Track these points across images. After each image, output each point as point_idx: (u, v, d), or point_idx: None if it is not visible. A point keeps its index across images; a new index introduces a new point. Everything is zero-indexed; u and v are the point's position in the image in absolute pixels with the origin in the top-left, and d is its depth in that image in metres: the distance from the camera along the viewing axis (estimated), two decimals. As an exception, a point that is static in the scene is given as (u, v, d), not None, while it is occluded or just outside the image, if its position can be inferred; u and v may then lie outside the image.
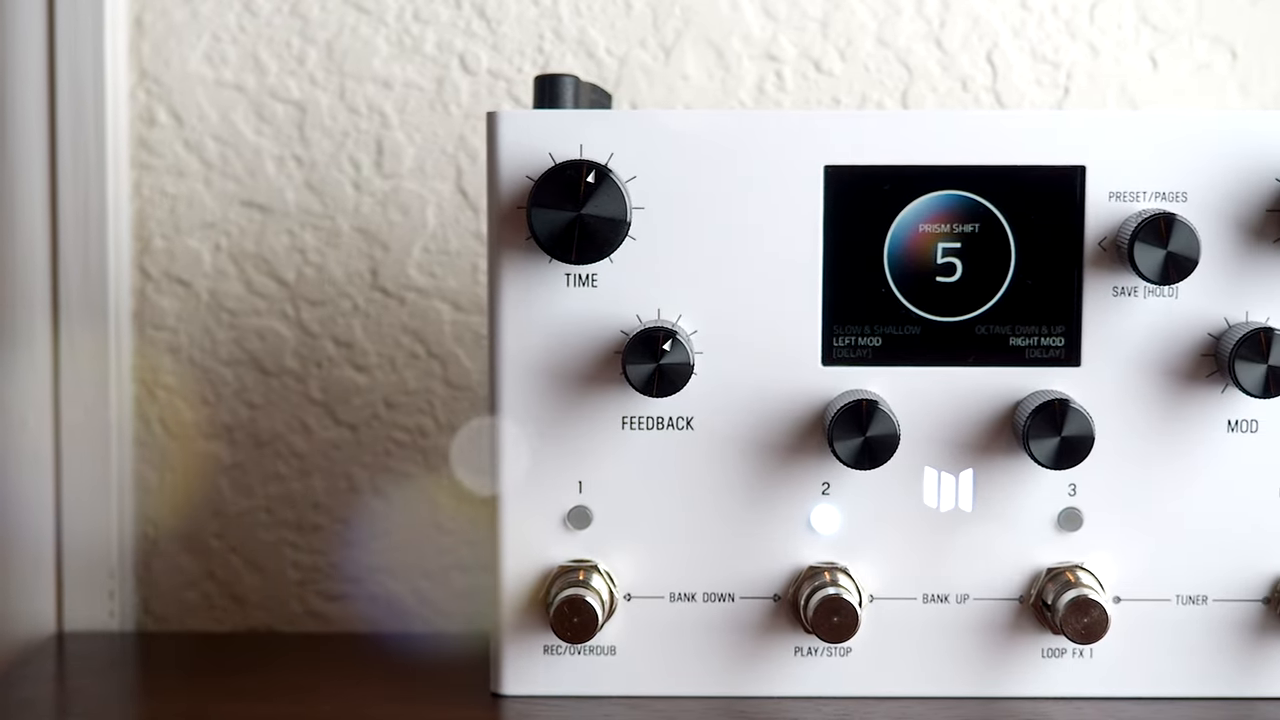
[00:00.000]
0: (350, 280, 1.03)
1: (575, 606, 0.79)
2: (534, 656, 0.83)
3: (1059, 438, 0.78)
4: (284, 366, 1.03)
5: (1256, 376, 0.78)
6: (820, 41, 1.02)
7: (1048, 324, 0.81)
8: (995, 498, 0.81)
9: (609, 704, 0.82)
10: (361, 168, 1.02)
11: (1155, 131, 0.80)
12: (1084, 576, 0.81)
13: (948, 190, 0.80)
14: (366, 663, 0.93)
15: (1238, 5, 1.01)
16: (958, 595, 0.82)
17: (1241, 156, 0.79)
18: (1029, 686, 0.82)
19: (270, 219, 1.03)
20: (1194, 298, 0.80)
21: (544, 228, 0.78)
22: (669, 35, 1.02)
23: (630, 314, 0.80)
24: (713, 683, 0.82)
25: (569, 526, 0.82)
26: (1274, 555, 0.82)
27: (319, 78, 1.02)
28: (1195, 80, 1.02)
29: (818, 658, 0.82)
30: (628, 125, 0.80)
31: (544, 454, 0.81)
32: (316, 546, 1.04)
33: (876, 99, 1.02)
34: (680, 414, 0.81)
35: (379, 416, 1.04)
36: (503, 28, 1.02)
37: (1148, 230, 0.78)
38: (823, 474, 0.81)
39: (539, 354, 0.81)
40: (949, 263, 0.81)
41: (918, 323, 0.81)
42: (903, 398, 0.81)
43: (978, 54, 1.02)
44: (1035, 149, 0.80)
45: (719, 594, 0.82)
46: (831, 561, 0.82)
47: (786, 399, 0.81)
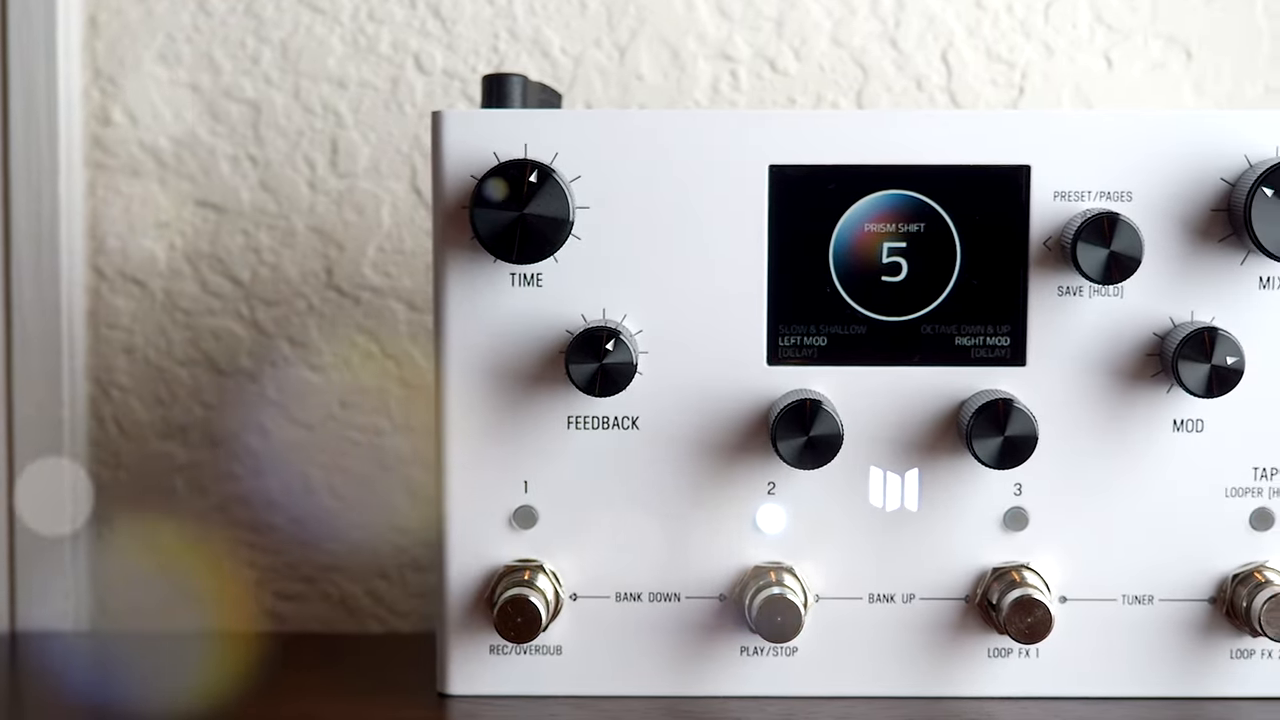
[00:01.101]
0: (305, 280, 1.03)
1: (519, 606, 0.79)
2: (480, 656, 0.82)
3: (1002, 437, 0.78)
4: (239, 366, 1.03)
5: (1200, 376, 0.78)
6: (775, 41, 1.02)
7: (993, 324, 0.81)
8: (941, 497, 0.81)
9: (554, 704, 0.82)
10: (316, 167, 1.02)
11: (1100, 131, 0.80)
12: (1029, 576, 0.81)
13: (893, 190, 0.80)
14: (318, 663, 0.93)
15: (1192, 5, 1.01)
16: (904, 595, 0.82)
17: (1186, 156, 0.79)
18: (975, 686, 0.82)
19: (225, 218, 1.03)
20: (1139, 297, 0.80)
21: (486, 227, 0.78)
22: (624, 35, 1.02)
23: (575, 313, 0.80)
24: (658, 682, 0.82)
25: (514, 526, 0.82)
26: (1220, 555, 0.82)
27: (274, 77, 1.02)
28: (1149, 80, 1.02)
29: (763, 657, 0.82)
30: (572, 125, 0.80)
31: (489, 453, 0.81)
32: (272, 546, 1.04)
33: (831, 99, 1.02)
34: (626, 414, 0.81)
35: (334, 416, 1.04)
36: (457, 27, 1.02)
37: (1090, 230, 0.78)
38: (768, 474, 0.81)
39: (484, 353, 0.81)
40: (894, 262, 0.81)
41: (863, 322, 0.81)
42: (848, 397, 0.81)
43: (932, 54, 1.02)
44: (980, 149, 0.80)
45: (665, 594, 0.82)
46: (777, 561, 0.82)
47: (732, 399, 0.81)
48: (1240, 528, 0.81)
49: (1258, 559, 0.82)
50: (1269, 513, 0.81)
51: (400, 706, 0.83)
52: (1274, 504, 0.81)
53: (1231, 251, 0.80)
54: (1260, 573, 0.81)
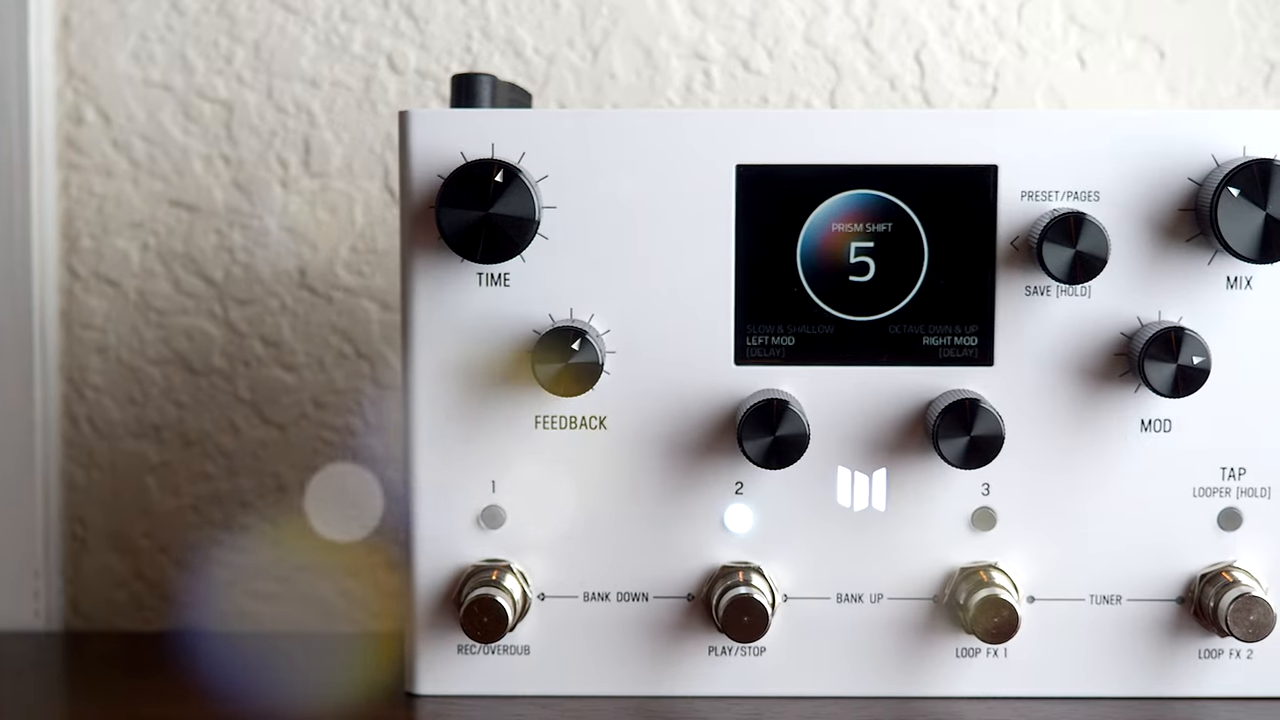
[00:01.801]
0: (278, 279, 1.03)
1: (485, 606, 0.79)
2: (448, 656, 0.82)
3: (969, 437, 0.78)
4: (212, 366, 1.03)
5: (1166, 376, 0.78)
6: (748, 41, 1.02)
7: (961, 323, 0.81)
8: (909, 497, 0.81)
9: (521, 704, 0.82)
10: (289, 167, 1.02)
11: (1067, 131, 0.80)
12: (997, 576, 0.81)
13: (860, 189, 0.80)
14: (290, 662, 0.93)
15: (1165, 5, 1.01)
16: (872, 595, 0.82)
17: (1154, 156, 0.79)
18: (943, 686, 0.82)
19: (198, 218, 1.03)
20: (1106, 297, 0.80)
21: (451, 227, 0.78)
22: (597, 35, 1.02)
23: (543, 313, 0.80)
24: (626, 682, 0.82)
25: (482, 526, 0.82)
26: (1187, 555, 0.82)
27: (246, 77, 1.02)
28: (1123, 79, 1.02)
29: (731, 657, 0.82)
30: (539, 125, 0.80)
31: (457, 453, 0.81)
32: (245, 546, 1.04)
33: (804, 98, 1.02)
34: (593, 413, 0.81)
35: (307, 416, 1.04)
36: (430, 27, 1.02)
37: (1056, 230, 0.78)
38: (736, 473, 0.81)
39: (452, 353, 0.81)
40: (862, 262, 0.81)
41: (831, 322, 0.81)
42: (816, 397, 0.81)
43: (906, 53, 1.02)
44: (948, 148, 0.80)
45: (633, 594, 0.82)
46: (745, 561, 0.82)
47: (699, 398, 0.81)
48: (1208, 528, 0.81)
49: (1226, 559, 0.82)
50: (1237, 512, 0.81)
51: (367, 706, 0.83)
52: (1242, 504, 0.81)
53: (1199, 251, 0.80)
54: (1228, 572, 0.81)
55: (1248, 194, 0.77)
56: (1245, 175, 0.77)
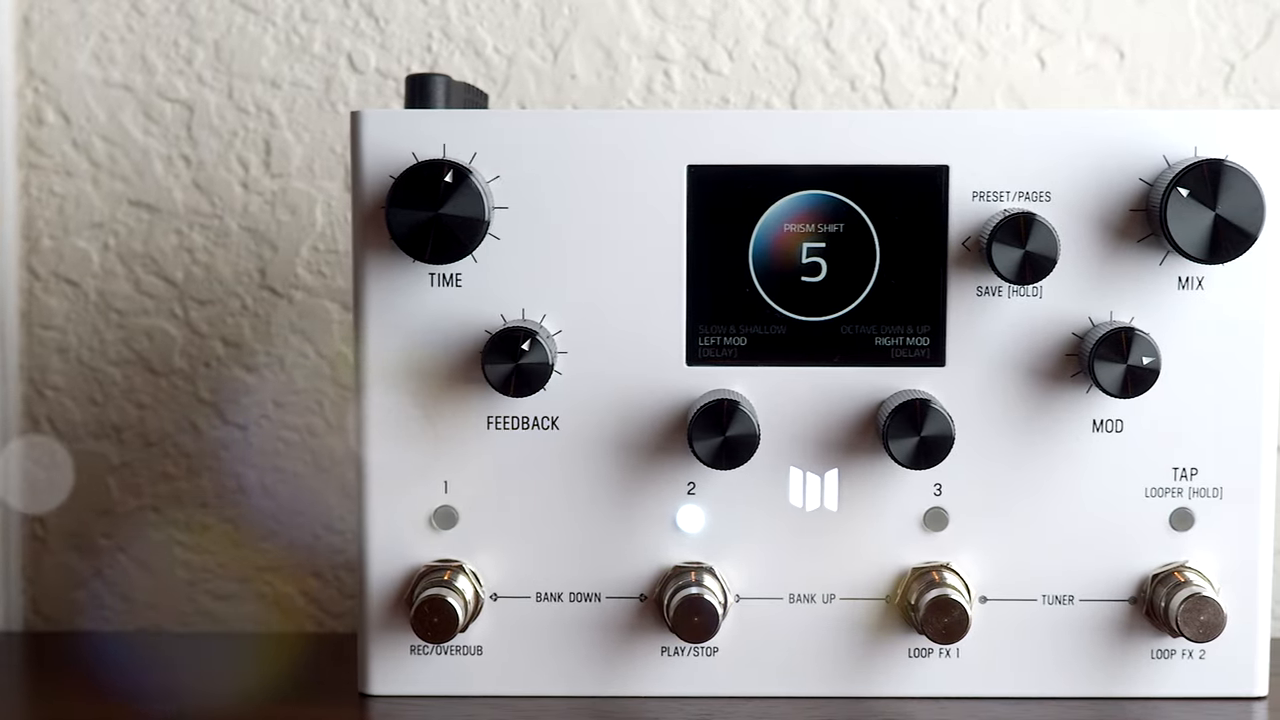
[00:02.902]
0: (239, 280, 1.03)
1: (436, 606, 0.79)
2: (401, 657, 0.82)
3: (918, 437, 0.78)
4: (173, 366, 1.03)
5: (1115, 376, 0.78)
6: (709, 41, 1.02)
7: (912, 324, 0.81)
8: (861, 497, 0.81)
9: (473, 704, 0.82)
10: (250, 167, 1.02)
11: (1019, 131, 0.80)
12: (949, 577, 0.81)
13: (812, 190, 0.80)
14: (249, 662, 0.93)
15: (1125, 5, 1.01)
16: (824, 595, 0.82)
17: (1105, 156, 0.79)
18: (895, 686, 0.82)
19: (158, 218, 1.03)
20: (1058, 297, 0.80)
21: (401, 227, 0.78)
22: (557, 35, 1.02)
23: (494, 313, 0.80)
24: (579, 682, 0.82)
25: (435, 526, 0.82)
26: (1140, 555, 0.82)
27: (207, 77, 1.02)
28: (1083, 80, 1.02)
29: (684, 657, 0.82)
30: (491, 125, 0.80)
31: (410, 454, 0.81)
32: (205, 546, 1.04)
33: (765, 99, 1.02)
34: (545, 414, 0.81)
35: (268, 416, 1.04)
36: (391, 27, 1.02)
37: (1006, 230, 0.78)
38: (688, 474, 0.81)
39: (404, 353, 0.81)
40: (814, 262, 0.81)
41: (783, 322, 0.81)
42: (768, 397, 0.81)
43: (866, 54, 1.02)
44: (899, 149, 0.80)
45: (585, 594, 0.82)
46: (697, 561, 0.82)
47: (651, 399, 0.81)
48: (1160, 528, 0.82)
49: (1178, 559, 0.82)
50: (1189, 513, 0.81)
51: (320, 706, 0.83)
52: (1194, 504, 0.81)
53: (1151, 252, 0.80)
54: (1180, 573, 0.81)
55: (1197, 194, 0.77)
56: (1195, 175, 0.77)
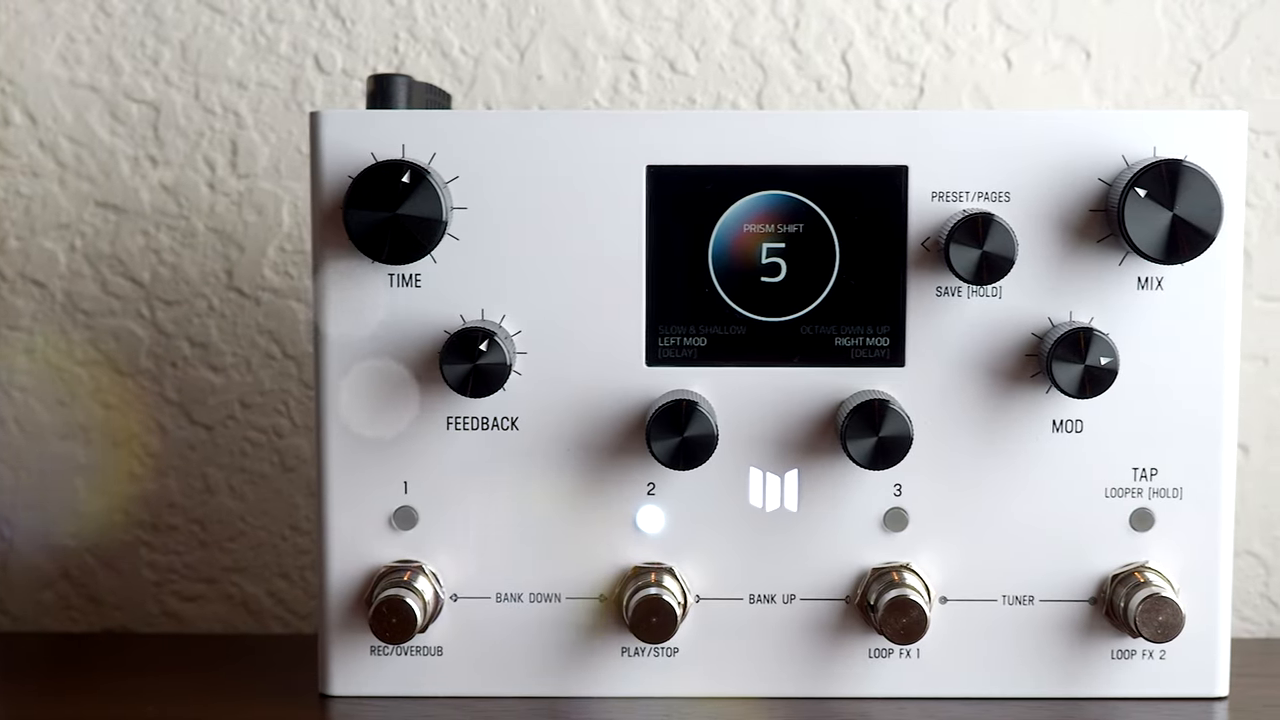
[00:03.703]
0: (205, 280, 1.03)
1: (394, 607, 0.79)
2: (361, 657, 0.82)
3: (876, 438, 0.78)
4: (139, 367, 1.03)
5: (1073, 376, 0.78)
6: (675, 41, 1.02)
7: (872, 324, 0.81)
8: (821, 498, 0.81)
9: (432, 705, 0.82)
10: (216, 167, 1.02)
11: (978, 131, 0.80)
12: (909, 577, 0.81)
13: (771, 190, 0.80)
14: (212, 663, 0.93)
15: (1091, 5, 1.01)
16: (784, 595, 0.82)
17: (1064, 157, 0.79)
18: (855, 687, 0.82)
19: (125, 219, 1.02)
20: (1017, 297, 0.80)
21: (359, 228, 0.78)
22: (524, 35, 1.02)
23: (454, 314, 0.80)
24: (539, 683, 0.82)
25: (394, 527, 0.82)
26: (1100, 556, 0.82)
27: (173, 78, 1.02)
28: (1049, 80, 1.02)
29: (644, 658, 0.82)
30: (450, 126, 0.80)
31: (369, 454, 0.81)
32: (172, 547, 1.04)
33: (731, 99, 1.02)
34: (505, 414, 0.81)
35: (234, 417, 1.03)
36: (357, 27, 1.02)
37: (964, 230, 0.78)
38: (648, 474, 0.81)
39: (363, 354, 0.81)
40: (773, 263, 0.81)
41: (743, 323, 0.81)
42: (728, 398, 0.81)
43: (832, 54, 1.02)
44: (858, 149, 0.80)
45: (545, 594, 0.82)
46: (657, 562, 0.82)
47: (611, 399, 0.81)
48: (1120, 528, 0.82)
49: (1138, 559, 0.82)
50: (1149, 513, 0.81)
51: (280, 707, 0.83)
52: (1154, 504, 0.81)
53: (1110, 252, 0.80)
54: (1140, 573, 0.81)
55: (1154, 195, 0.77)
56: (1152, 176, 0.77)
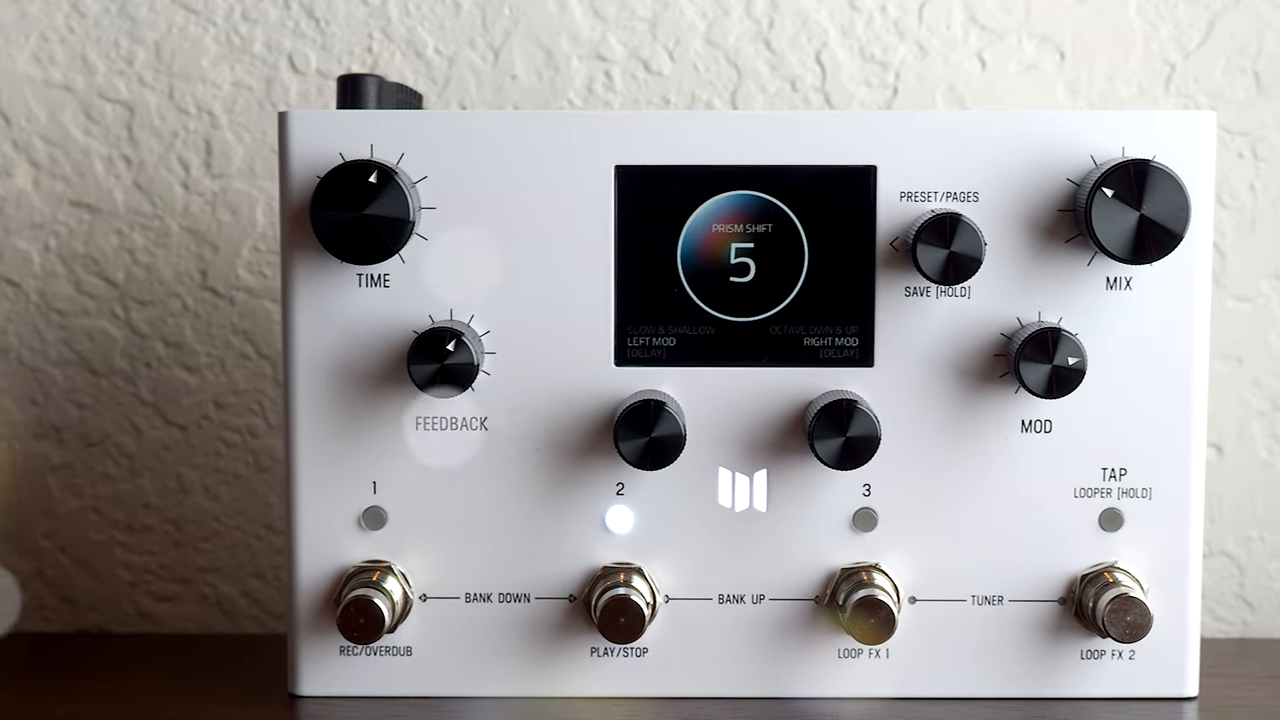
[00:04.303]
0: (180, 280, 1.02)
1: (362, 607, 0.79)
2: (330, 657, 0.82)
3: (844, 438, 0.78)
4: (113, 367, 1.03)
5: (1040, 376, 0.78)
6: (649, 42, 1.02)
7: (841, 324, 0.81)
8: (790, 498, 0.81)
9: (403, 705, 0.82)
10: (190, 168, 1.02)
11: (946, 131, 0.80)
12: (877, 577, 0.81)
13: (740, 190, 0.80)
14: (185, 663, 0.93)
15: (1065, 5, 1.01)
16: (754, 595, 0.82)
17: (1033, 156, 0.79)
18: (825, 687, 0.82)
19: (99, 219, 1.02)
20: (986, 298, 0.80)
21: (326, 228, 0.78)
22: (498, 35, 1.02)
23: (422, 314, 0.80)
24: (508, 684, 0.82)
25: (363, 527, 0.82)
26: (1069, 556, 0.82)
27: (148, 78, 1.02)
28: (1023, 80, 1.02)
29: (614, 658, 0.82)
30: (419, 126, 0.80)
31: (338, 454, 0.81)
32: (147, 547, 1.04)
33: (706, 99, 1.02)
34: (474, 414, 0.81)
35: (209, 417, 1.03)
36: (331, 28, 1.02)
37: (931, 230, 0.78)
38: (617, 474, 0.81)
39: (332, 354, 0.81)
40: (742, 263, 0.81)
41: (712, 323, 0.81)
42: (697, 398, 0.81)
43: (807, 54, 1.02)
44: (827, 149, 0.80)
45: (515, 594, 0.82)
46: (626, 562, 0.82)
47: (580, 399, 0.81)
48: (1089, 528, 0.82)
49: (1107, 559, 0.82)
50: (1118, 513, 0.81)
51: (249, 707, 0.83)
52: (1123, 504, 0.81)
53: (1079, 252, 0.80)
54: (1109, 573, 0.81)
55: (1121, 195, 0.77)
56: (1119, 176, 0.77)
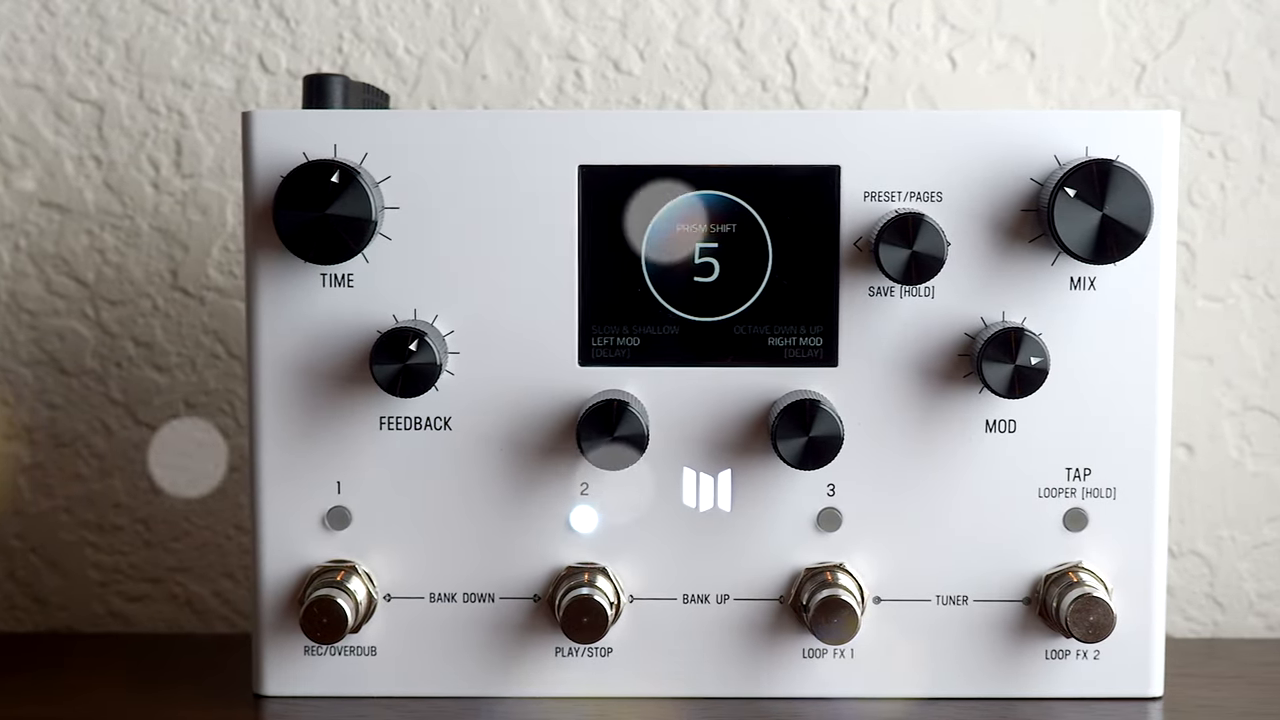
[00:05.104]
0: (150, 280, 1.02)
1: (325, 607, 0.79)
2: (295, 657, 0.82)
3: (807, 438, 0.78)
4: (84, 367, 1.03)
5: (1003, 376, 0.78)
6: (620, 41, 1.02)
7: (805, 324, 0.81)
8: (754, 498, 0.81)
9: (366, 705, 0.82)
10: (160, 167, 1.02)
11: (910, 131, 0.80)
12: (842, 577, 0.81)
13: (704, 190, 0.80)
14: (153, 664, 0.93)
15: (1035, 5, 1.01)
16: (718, 595, 0.82)
17: (997, 156, 0.79)
18: (790, 687, 0.82)
19: (69, 219, 1.02)
20: (950, 297, 0.80)
21: (288, 227, 0.77)
22: (468, 35, 1.02)
23: (386, 314, 0.80)
24: (473, 683, 0.82)
25: (328, 527, 0.82)
26: (1033, 556, 0.82)
27: (118, 77, 1.02)
28: (994, 80, 1.02)
29: (578, 658, 0.82)
30: (383, 125, 0.80)
31: (302, 454, 0.81)
32: (117, 547, 1.04)
33: (676, 99, 1.02)
34: (438, 414, 0.81)
35: (179, 417, 1.03)
36: (302, 27, 1.02)
37: (893, 230, 0.78)
38: (581, 474, 0.81)
39: (296, 354, 0.81)
40: (707, 263, 0.81)
41: (676, 323, 0.81)
42: (661, 398, 0.81)
43: (777, 54, 1.02)
44: (790, 149, 0.80)
45: (479, 594, 0.82)
46: (590, 562, 0.82)
47: (544, 399, 0.81)
48: (1054, 528, 0.82)
49: (1072, 559, 0.82)
50: (1082, 513, 0.81)
51: (214, 707, 0.83)
52: (1087, 504, 0.81)
53: (1043, 252, 0.80)
54: (1074, 573, 0.81)
55: (1083, 195, 0.77)
56: (1082, 175, 0.77)
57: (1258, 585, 1.04)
